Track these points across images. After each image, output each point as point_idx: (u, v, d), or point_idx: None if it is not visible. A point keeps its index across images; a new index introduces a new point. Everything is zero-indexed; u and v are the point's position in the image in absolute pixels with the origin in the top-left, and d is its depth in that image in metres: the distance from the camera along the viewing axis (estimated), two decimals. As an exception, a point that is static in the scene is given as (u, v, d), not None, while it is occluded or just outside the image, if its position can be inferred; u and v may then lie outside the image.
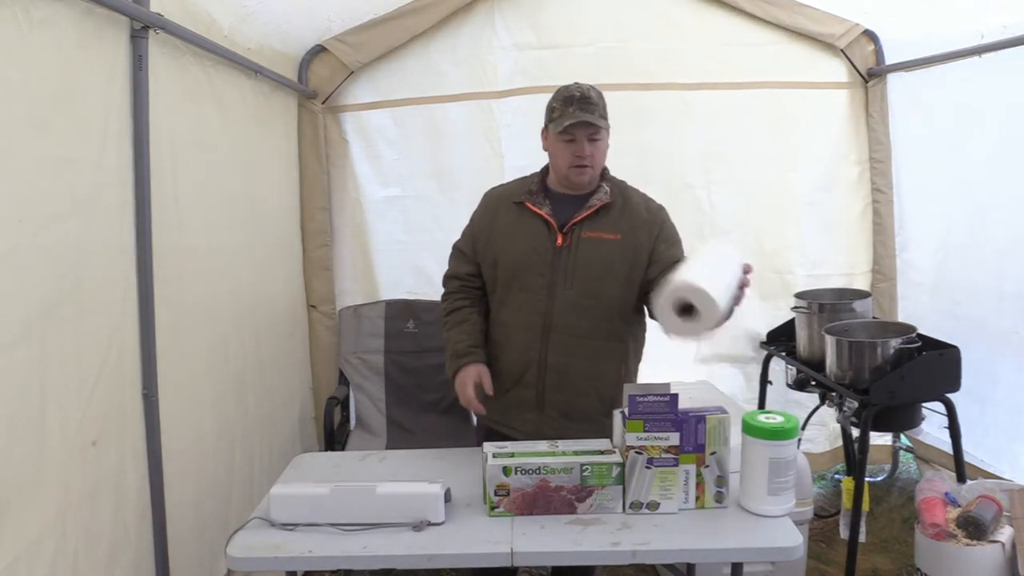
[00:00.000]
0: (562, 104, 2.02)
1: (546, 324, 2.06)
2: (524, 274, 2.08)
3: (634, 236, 2.08)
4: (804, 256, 3.49)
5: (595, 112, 2.00)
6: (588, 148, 2.02)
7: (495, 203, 2.19)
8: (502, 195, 2.20)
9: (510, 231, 2.11)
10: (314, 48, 3.19)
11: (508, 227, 2.12)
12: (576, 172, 2.04)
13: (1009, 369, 2.83)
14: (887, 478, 3.57)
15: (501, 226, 2.13)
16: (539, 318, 2.07)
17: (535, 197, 2.11)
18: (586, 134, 2.01)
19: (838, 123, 3.45)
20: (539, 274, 2.07)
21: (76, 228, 1.62)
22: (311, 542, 1.68)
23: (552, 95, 2.08)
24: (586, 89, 2.04)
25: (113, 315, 1.77)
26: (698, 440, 1.77)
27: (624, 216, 2.10)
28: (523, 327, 2.09)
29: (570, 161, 2.03)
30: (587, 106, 2.00)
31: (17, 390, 1.43)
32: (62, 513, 1.55)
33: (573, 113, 1.99)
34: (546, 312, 2.06)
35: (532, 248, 2.07)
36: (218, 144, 2.38)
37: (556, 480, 1.77)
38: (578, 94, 2.02)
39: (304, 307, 3.31)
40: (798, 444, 1.87)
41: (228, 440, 2.40)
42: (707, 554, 1.68)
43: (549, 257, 2.06)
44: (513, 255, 2.10)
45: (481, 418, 2.27)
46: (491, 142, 3.33)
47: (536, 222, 2.09)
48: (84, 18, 1.63)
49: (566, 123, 1.98)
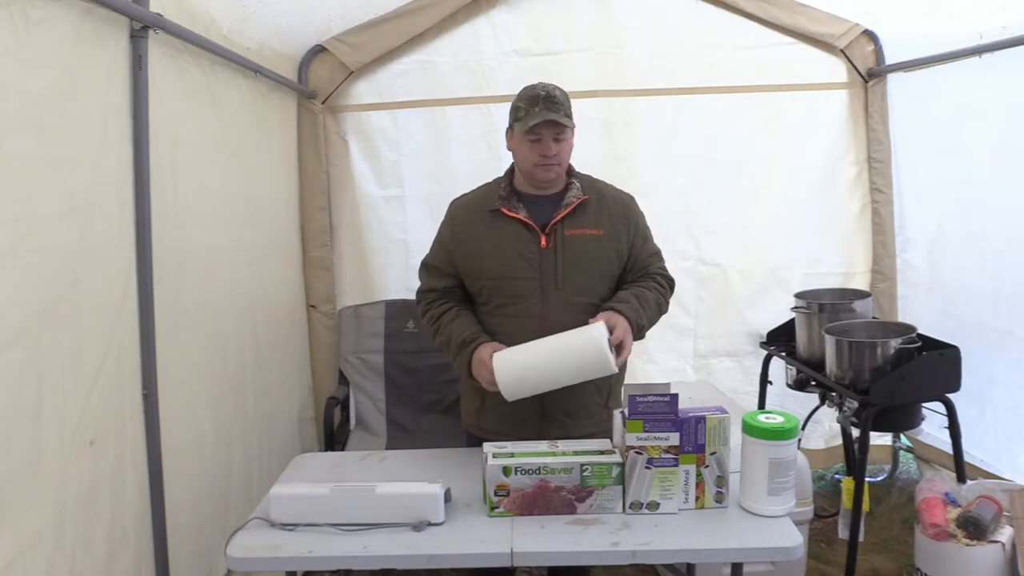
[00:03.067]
0: (527, 103, 2.01)
1: (543, 326, 2.03)
2: (513, 280, 2.06)
3: (615, 229, 2.10)
4: (801, 255, 3.49)
5: (560, 111, 2.00)
6: (554, 147, 2.02)
7: (465, 214, 2.14)
8: (471, 204, 2.15)
9: (490, 240, 2.08)
10: (314, 48, 3.19)
11: (487, 236, 2.08)
12: (542, 170, 2.04)
13: (1006, 369, 2.83)
14: (887, 478, 3.57)
15: (479, 236, 2.09)
16: (535, 321, 2.04)
17: (508, 202, 2.09)
18: (552, 133, 2.00)
19: (837, 123, 3.45)
20: (529, 278, 2.05)
21: (75, 228, 1.62)
22: (311, 542, 1.68)
23: (516, 95, 2.08)
24: (551, 88, 2.04)
25: (112, 315, 1.77)
26: (698, 440, 1.76)
27: (603, 211, 2.11)
28: (519, 332, 2.04)
29: (536, 160, 2.03)
30: (553, 105, 1.99)
31: (15, 390, 1.42)
32: (60, 513, 1.55)
33: (539, 112, 1.98)
34: (541, 314, 2.05)
35: (517, 253, 2.05)
36: (218, 144, 2.38)
37: (556, 480, 1.77)
38: (543, 93, 2.01)
39: (304, 307, 3.31)
40: (798, 444, 1.87)
41: (227, 440, 2.39)
42: (707, 554, 1.68)
43: (536, 260, 2.05)
44: (499, 263, 2.07)
45: (476, 432, 2.19)
46: (490, 145, 3.33)
47: (516, 226, 2.07)
48: (83, 18, 1.63)
49: (532, 122, 1.98)
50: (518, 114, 2.04)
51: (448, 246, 2.15)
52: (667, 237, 3.39)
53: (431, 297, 2.20)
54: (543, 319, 2.04)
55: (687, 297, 3.46)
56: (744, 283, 3.51)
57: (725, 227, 3.47)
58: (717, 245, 3.50)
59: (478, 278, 2.11)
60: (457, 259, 2.13)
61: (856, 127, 3.46)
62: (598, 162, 3.14)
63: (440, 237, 2.19)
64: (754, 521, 1.73)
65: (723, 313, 3.52)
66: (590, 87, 3.30)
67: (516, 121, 2.04)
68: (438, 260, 2.18)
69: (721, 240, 3.49)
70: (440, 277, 2.18)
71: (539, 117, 1.97)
